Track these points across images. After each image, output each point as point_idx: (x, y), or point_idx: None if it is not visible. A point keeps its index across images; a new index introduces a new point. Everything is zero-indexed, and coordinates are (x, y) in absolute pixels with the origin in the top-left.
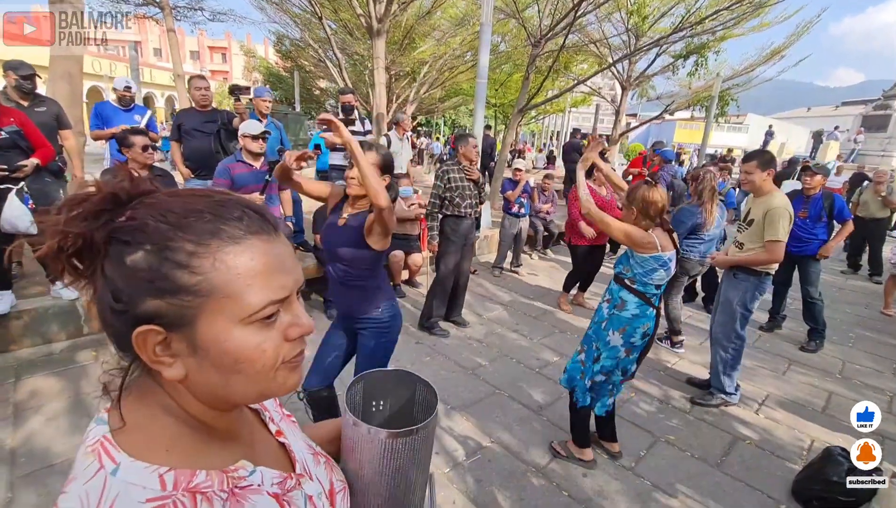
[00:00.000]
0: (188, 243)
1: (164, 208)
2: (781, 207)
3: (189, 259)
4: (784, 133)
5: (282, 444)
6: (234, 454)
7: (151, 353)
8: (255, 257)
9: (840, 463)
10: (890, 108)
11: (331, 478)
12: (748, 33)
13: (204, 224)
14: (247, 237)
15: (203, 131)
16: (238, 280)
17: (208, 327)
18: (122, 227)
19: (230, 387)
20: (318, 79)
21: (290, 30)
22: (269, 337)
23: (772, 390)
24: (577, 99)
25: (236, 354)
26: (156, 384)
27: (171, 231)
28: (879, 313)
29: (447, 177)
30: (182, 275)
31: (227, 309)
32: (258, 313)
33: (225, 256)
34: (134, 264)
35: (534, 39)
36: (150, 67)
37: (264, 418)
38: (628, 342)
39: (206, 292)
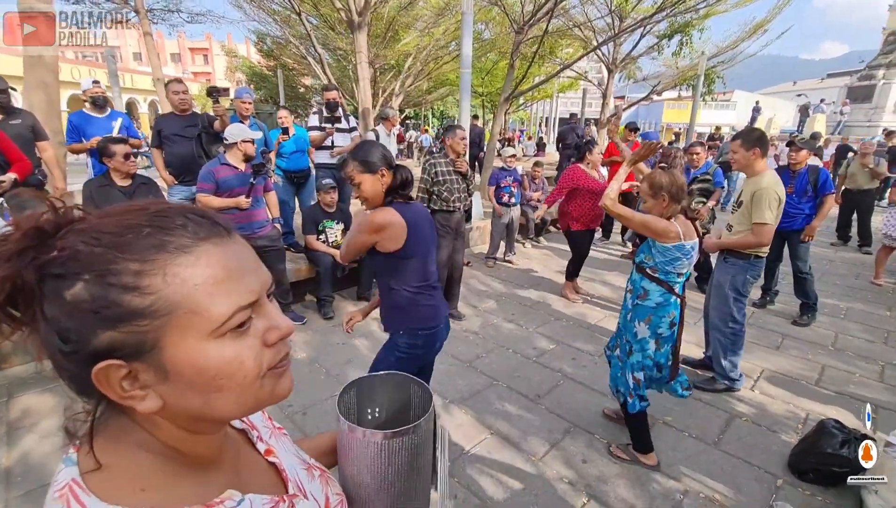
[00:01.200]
0: (131, 263)
1: (95, 230)
2: (768, 188)
3: (136, 280)
4: (771, 108)
5: (272, 464)
6: (218, 484)
7: (118, 389)
8: (212, 264)
9: (834, 435)
10: (874, 78)
11: (326, 493)
12: (731, 9)
13: (144, 239)
14: (197, 244)
15: (184, 136)
16: (198, 292)
17: (176, 348)
18: (53, 260)
19: (214, 407)
20: (303, 76)
21: (271, 27)
22: (245, 346)
23: (766, 365)
24: (564, 84)
25: (213, 371)
26: (128, 421)
27: (108, 254)
28: (870, 283)
29: (434, 170)
30: (132, 299)
31: (192, 325)
32: (228, 323)
33: (176, 268)
34: (74, 297)
35: (517, 26)
36: (130, 72)
37: (252, 437)
38: (655, 333)
39: (164, 311)
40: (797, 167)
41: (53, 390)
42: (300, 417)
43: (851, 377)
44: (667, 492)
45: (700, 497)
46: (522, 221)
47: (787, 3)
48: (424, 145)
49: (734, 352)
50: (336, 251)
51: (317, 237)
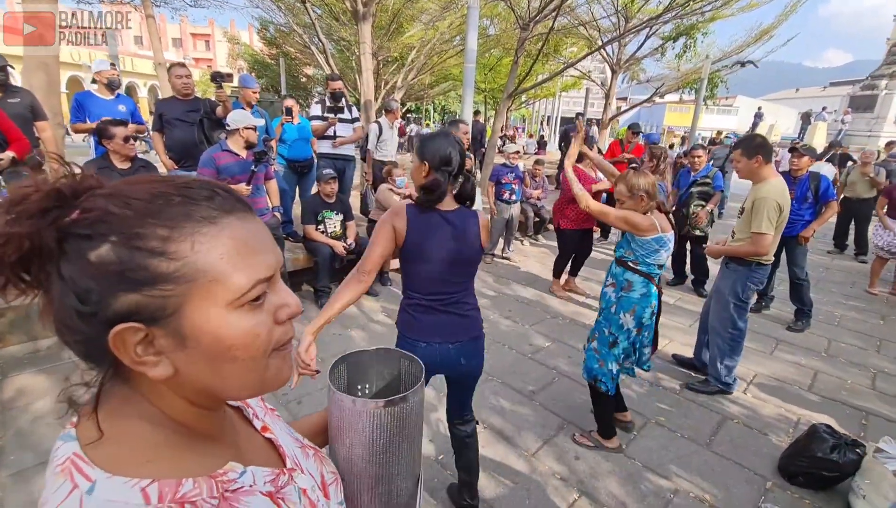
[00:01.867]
0: (160, 229)
1: (126, 195)
2: (769, 197)
3: (164, 245)
4: (773, 115)
5: (269, 440)
6: (221, 456)
7: (133, 354)
8: (235, 236)
9: (825, 440)
10: (876, 88)
11: (321, 470)
12: (737, 13)
13: (174, 207)
14: (222, 217)
15: (185, 121)
16: (221, 261)
17: (196, 314)
18: (79, 220)
19: (224, 378)
20: (305, 66)
21: (275, 15)
22: (260, 320)
23: (760, 369)
24: (567, 83)
25: (230, 340)
26: (131, 391)
27: (138, 218)
28: (865, 292)
29: None
30: (159, 263)
31: (214, 293)
32: (247, 295)
33: (203, 237)
34: (100, 258)
35: (523, 22)
36: (130, 55)
37: (247, 415)
38: (640, 323)
39: (188, 277)
40: (798, 173)
41: (48, 370)
42: (295, 405)
43: (843, 384)
44: (658, 491)
45: (690, 497)
46: (522, 218)
47: (794, 10)
48: None
49: (731, 357)
50: (334, 242)
51: (316, 228)
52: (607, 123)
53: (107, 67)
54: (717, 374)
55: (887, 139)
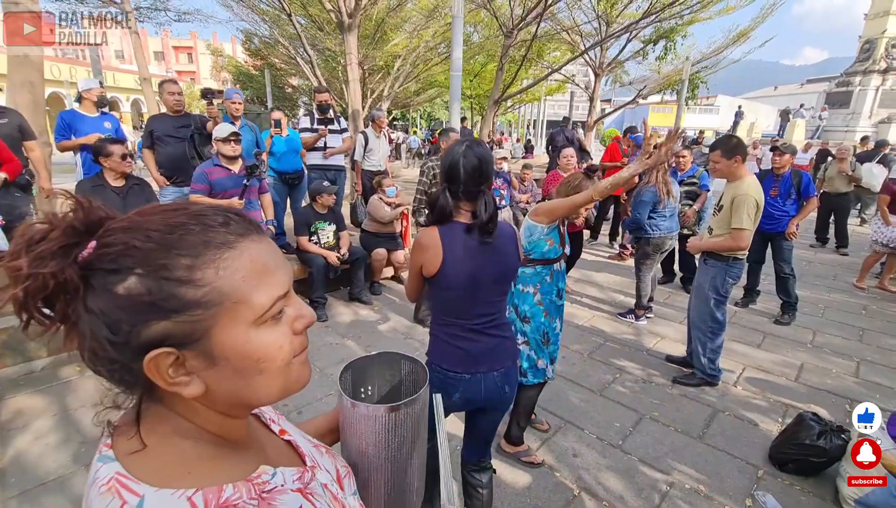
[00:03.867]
0: (184, 258)
1: (144, 228)
2: (748, 194)
3: (190, 274)
4: (753, 112)
5: (288, 441)
6: (252, 461)
7: (166, 376)
8: (254, 258)
9: (812, 427)
10: (851, 84)
11: (335, 465)
12: (714, 17)
13: (193, 236)
14: (239, 241)
15: (176, 137)
16: (244, 284)
17: (225, 335)
18: (103, 255)
19: (254, 389)
20: (290, 76)
21: (259, 27)
22: (281, 333)
23: (748, 362)
24: (551, 87)
25: (258, 355)
26: (165, 409)
27: (160, 250)
28: (853, 285)
29: (432, 173)
30: (187, 290)
31: (239, 314)
32: (269, 311)
33: (225, 262)
34: (128, 291)
35: (506, 29)
36: (112, 70)
37: (265, 420)
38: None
39: (215, 301)
40: (781, 171)
41: (44, 390)
42: (295, 416)
43: (829, 374)
44: (654, 484)
45: (685, 489)
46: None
47: (770, 13)
48: (412, 147)
49: (714, 350)
50: (328, 253)
51: (309, 239)
52: (592, 125)
53: (95, 85)
54: (701, 367)
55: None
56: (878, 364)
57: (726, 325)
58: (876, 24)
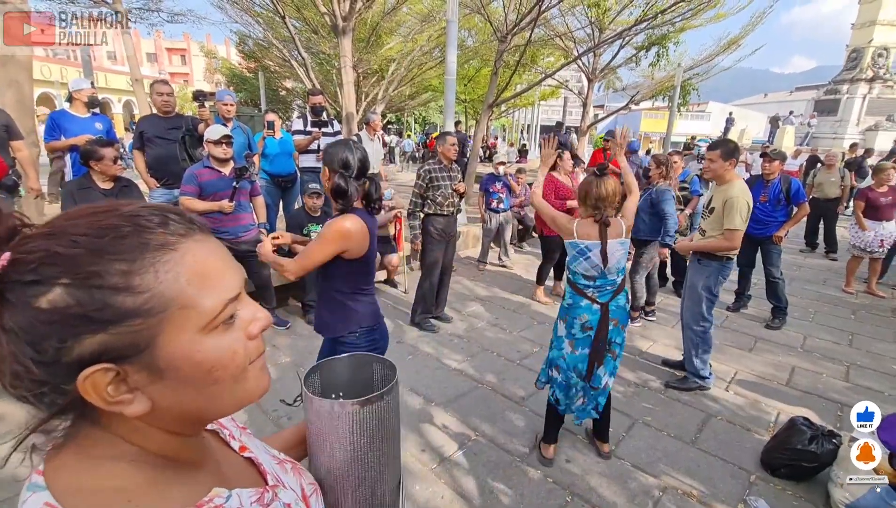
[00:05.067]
0: (117, 263)
1: (69, 232)
2: (740, 196)
3: (126, 280)
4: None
5: (248, 459)
6: (204, 483)
7: (105, 395)
8: (198, 260)
9: (804, 432)
10: (839, 92)
11: (300, 483)
12: (706, 24)
13: (128, 240)
14: (181, 241)
15: (167, 139)
16: (189, 287)
17: (171, 344)
18: (19, 265)
19: (208, 401)
20: (284, 79)
21: (253, 29)
22: (235, 338)
23: (740, 367)
24: (545, 92)
25: (210, 363)
26: (102, 432)
27: (89, 255)
28: (842, 291)
29: (429, 176)
30: (124, 299)
31: (186, 320)
32: (220, 316)
33: (165, 265)
34: (53, 304)
35: (500, 34)
36: (104, 71)
37: (224, 436)
38: (570, 334)
39: (158, 309)
40: (770, 177)
41: None
42: (286, 421)
43: (819, 378)
44: (646, 489)
45: (678, 494)
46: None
47: (760, 21)
48: (406, 151)
49: (704, 351)
50: None
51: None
52: (585, 130)
53: (87, 85)
54: (693, 369)
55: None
56: (868, 369)
57: (713, 324)
58: (863, 33)
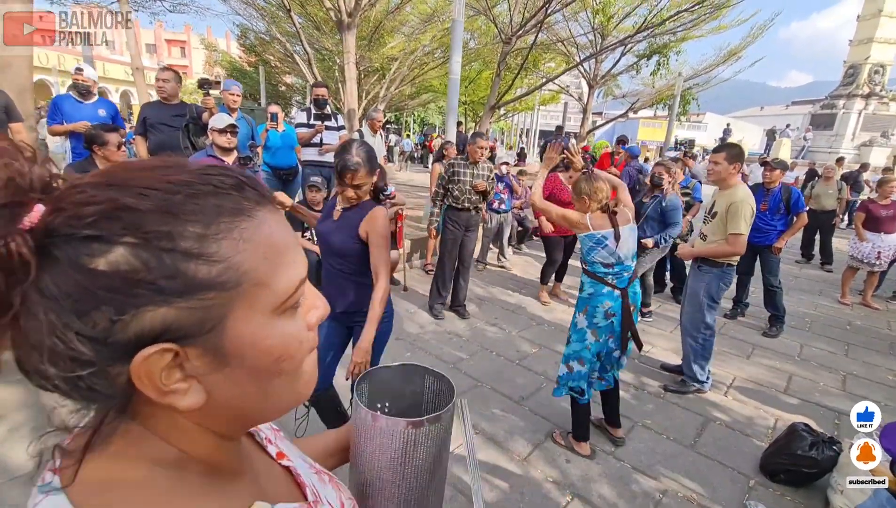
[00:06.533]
0: (192, 225)
1: (135, 184)
2: (744, 201)
3: (202, 246)
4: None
5: (286, 468)
6: (244, 495)
7: (159, 382)
8: (273, 232)
9: (804, 438)
10: (835, 107)
11: (340, 498)
12: (707, 35)
13: (202, 200)
14: (256, 209)
15: (170, 126)
16: (265, 262)
17: (240, 325)
18: (76, 217)
19: (266, 398)
20: (285, 74)
21: (255, 23)
22: (300, 325)
23: (738, 373)
24: (545, 97)
25: (278, 350)
26: (140, 429)
27: (161, 214)
28: (838, 302)
29: (451, 170)
30: (197, 267)
31: (259, 299)
32: (293, 297)
33: (244, 233)
34: (115, 266)
35: (504, 36)
36: (102, 60)
37: (260, 440)
38: (591, 323)
39: (232, 282)
40: (771, 186)
41: (18, 382)
42: (291, 423)
43: (816, 386)
44: (647, 492)
45: (678, 497)
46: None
47: (760, 34)
48: (405, 150)
49: (704, 357)
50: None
51: (302, 234)
52: (585, 136)
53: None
54: (692, 374)
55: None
56: (864, 378)
57: (716, 332)
58: (860, 50)
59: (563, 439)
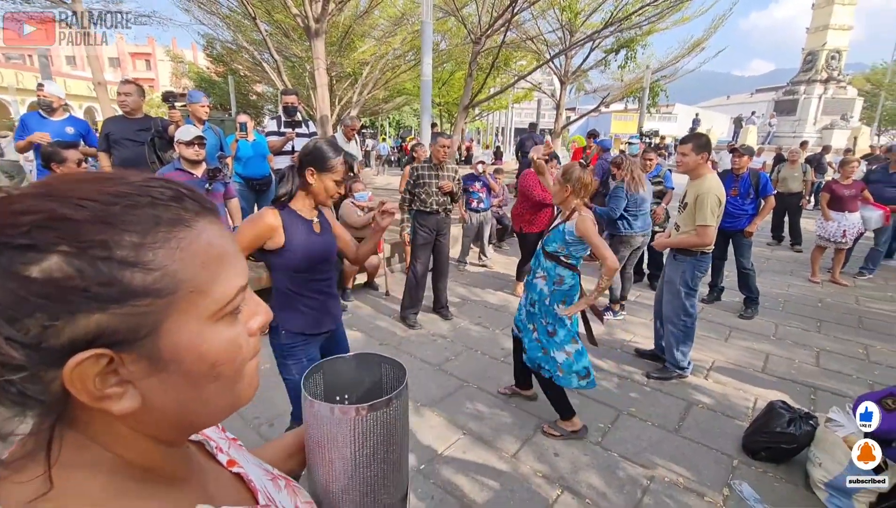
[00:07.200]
0: (128, 235)
1: (73, 195)
2: (710, 192)
3: (137, 254)
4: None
5: (237, 475)
6: (186, 501)
7: (92, 387)
8: (213, 241)
9: (782, 416)
10: (796, 93)
11: (295, 503)
12: (671, 27)
13: (140, 211)
14: (196, 219)
15: (135, 141)
16: (203, 270)
17: (177, 331)
18: (11, 226)
19: (206, 401)
20: (255, 83)
21: (221, 32)
22: (239, 331)
23: (717, 356)
24: (518, 95)
25: (215, 355)
26: (75, 435)
27: (97, 224)
28: (808, 281)
29: (416, 174)
30: (133, 275)
31: (196, 305)
32: (231, 303)
33: (181, 242)
34: (48, 274)
35: (474, 37)
36: (63, 76)
37: (210, 449)
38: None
39: (169, 289)
40: (740, 172)
41: None
42: (266, 428)
43: (792, 364)
44: (634, 478)
45: (665, 482)
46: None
47: (721, 23)
48: (382, 154)
49: (685, 343)
50: None
51: None
52: (559, 132)
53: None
54: (674, 360)
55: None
56: (836, 353)
57: (696, 318)
58: (817, 37)
59: (554, 428)
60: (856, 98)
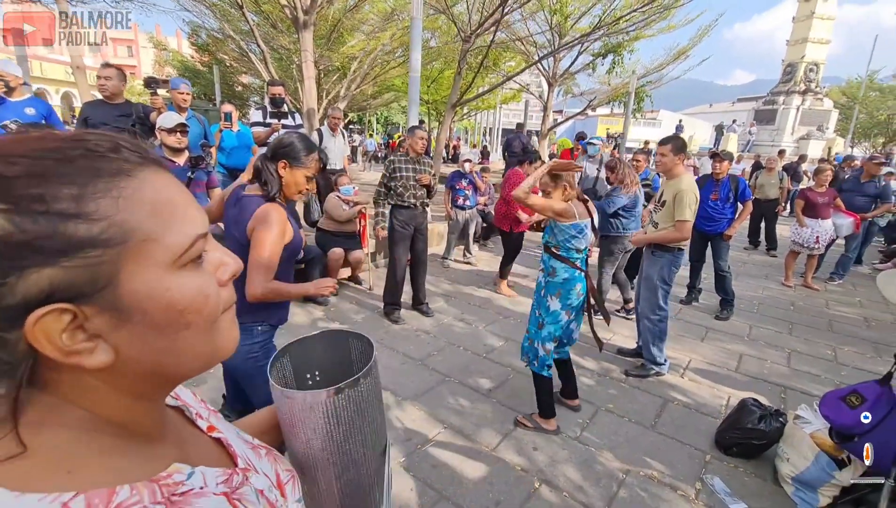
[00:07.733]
0: (66, 187)
1: (5, 153)
2: (688, 189)
3: (78, 205)
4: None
5: (217, 439)
6: (162, 458)
7: (60, 343)
8: (158, 190)
9: (753, 412)
10: (776, 103)
11: (276, 469)
12: (657, 34)
13: (76, 163)
14: (138, 169)
15: (115, 127)
16: (152, 218)
17: (136, 280)
18: None
19: (179, 350)
20: (241, 74)
21: (207, 20)
22: (205, 280)
23: (693, 355)
24: (506, 95)
25: (182, 302)
26: (48, 397)
27: (31, 178)
28: (781, 284)
29: (392, 167)
30: (76, 226)
31: (151, 254)
32: (189, 251)
33: (124, 192)
34: None
35: (464, 35)
36: (39, 59)
37: (190, 415)
38: (566, 305)
39: (118, 238)
40: (720, 176)
41: None
42: None
43: (764, 364)
44: (610, 472)
45: (640, 475)
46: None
47: (706, 32)
48: (369, 150)
49: (661, 338)
50: None
51: None
52: (546, 133)
53: (11, 68)
54: (651, 357)
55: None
56: (806, 354)
57: (669, 314)
58: (796, 49)
59: (528, 420)
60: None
